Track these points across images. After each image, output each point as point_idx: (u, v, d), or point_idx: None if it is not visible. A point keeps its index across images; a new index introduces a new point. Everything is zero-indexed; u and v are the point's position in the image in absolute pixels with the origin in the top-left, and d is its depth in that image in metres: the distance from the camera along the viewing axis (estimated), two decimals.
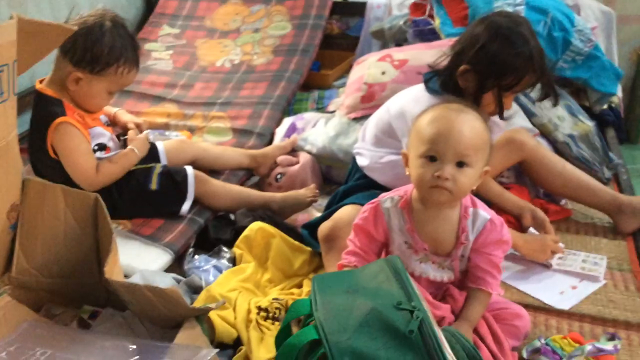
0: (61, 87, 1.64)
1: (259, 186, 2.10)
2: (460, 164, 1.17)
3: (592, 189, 1.76)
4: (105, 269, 1.11)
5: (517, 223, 1.70)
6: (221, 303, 1.15)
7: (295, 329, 1.03)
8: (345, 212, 1.57)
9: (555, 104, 1.68)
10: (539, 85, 1.62)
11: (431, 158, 1.18)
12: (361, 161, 1.74)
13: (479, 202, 1.29)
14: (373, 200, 1.31)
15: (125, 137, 1.81)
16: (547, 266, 1.60)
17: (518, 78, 1.52)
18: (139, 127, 1.89)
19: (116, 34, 1.64)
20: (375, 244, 1.31)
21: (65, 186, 1.29)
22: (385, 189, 1.49)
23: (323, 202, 1.94)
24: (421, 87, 1.65)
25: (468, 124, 1.18)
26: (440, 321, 1.22)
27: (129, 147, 1.75)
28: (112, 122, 1.87)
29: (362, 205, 1.36)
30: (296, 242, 1.64)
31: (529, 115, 1.96)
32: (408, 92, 1.69)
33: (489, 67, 1.52)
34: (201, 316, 1.13)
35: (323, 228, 1.56)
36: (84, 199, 1.27)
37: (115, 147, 1.77)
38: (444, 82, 1.60)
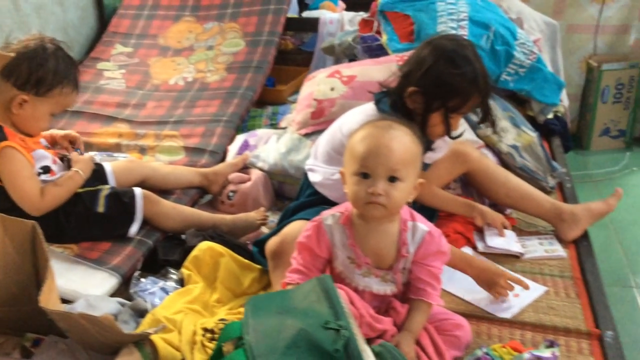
0: (1, 113, 1.62)
1: (211, 204, 2.09)
2: (392, 179, 1.20)
3: (534, 199, 1.81)
4: (40, 297, 1.10)
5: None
6: (160, 328, 1.15)
7: (230, 348, 1.03)
8: (294, 227, 1.57)
9: (492, 128, 1.73)
10: None
11: (364, 175, 1.21)
12: (313, 177, 1.75)
13: (417, 215, 1.32)
14: (315, 218, 1.33)
15: (69, 157, 1.79)
16: (517, 256, 1.71)
17: (463, 100, 1.56)
18: (75, 140, 1.87)
19: (59, 56, 1.67)
20: (319, 260, 1.32)
21: (3, 214, 1.27)
22: (336, 204, 1.51)
23: (275, 218, 1.95)
24: (372, 107, 1.67)
25: (396, 140, 1.21)
26: (382, 334, 1.24)
27: (73, 169, 1.73)
28: (52, 144, 1.85)
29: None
30: (245, 261, 1.64)
31: (474, 127, 2.01)
32: (359, 111, 1.71)
33: (434, 88, 1.55)
34: (141, 341, 1.13)
35: (271, 244, 1.57)
36: (22, 227, 1.26)
37: (59, 169, 1.75)
38: (393, 103, 1.63)
